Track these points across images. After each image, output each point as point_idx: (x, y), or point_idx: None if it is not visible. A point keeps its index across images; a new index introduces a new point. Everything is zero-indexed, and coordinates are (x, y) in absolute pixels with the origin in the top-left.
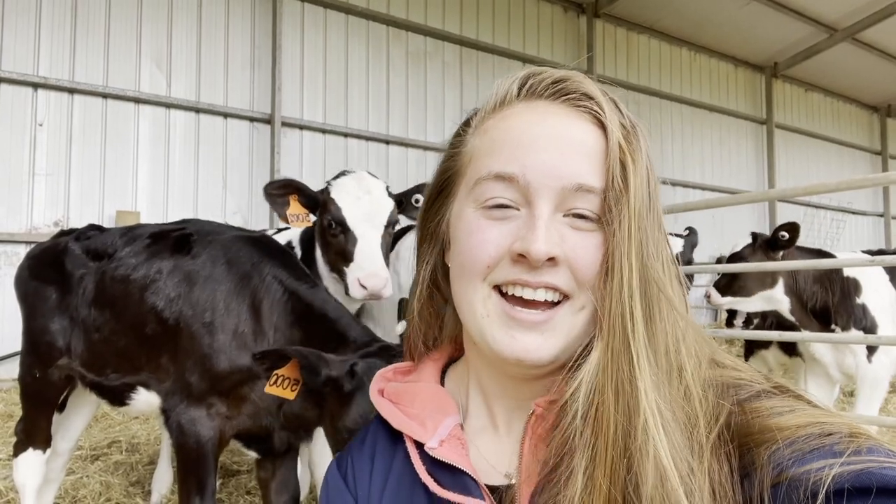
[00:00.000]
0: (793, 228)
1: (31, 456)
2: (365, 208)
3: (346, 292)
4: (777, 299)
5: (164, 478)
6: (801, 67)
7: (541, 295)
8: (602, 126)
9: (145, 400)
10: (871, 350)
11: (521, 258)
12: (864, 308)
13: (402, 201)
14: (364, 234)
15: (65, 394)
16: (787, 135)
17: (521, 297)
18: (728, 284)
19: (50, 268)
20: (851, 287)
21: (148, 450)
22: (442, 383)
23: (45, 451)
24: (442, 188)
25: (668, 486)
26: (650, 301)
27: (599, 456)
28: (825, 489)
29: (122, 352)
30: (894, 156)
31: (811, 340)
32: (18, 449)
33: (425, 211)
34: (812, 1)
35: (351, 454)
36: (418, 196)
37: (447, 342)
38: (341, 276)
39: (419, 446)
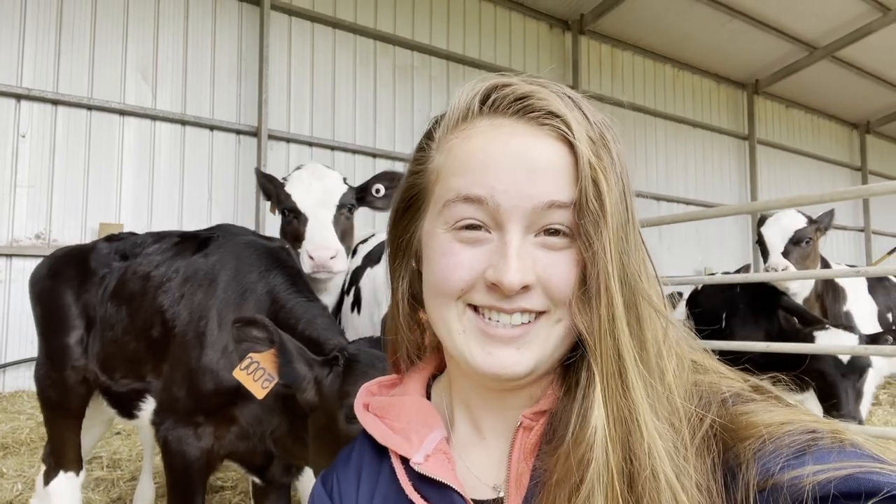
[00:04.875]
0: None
1: (64, 481)
2: (316, 193)
3: None
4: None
5: (145, 494)
6: (782, 84)
7: (517, 319)
8: (570, 143)
9: (152, 410)
10: None
11: (494, 286)
12: (849, 315)
13: (363, 192)
14: (314, 213)
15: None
16: (769, 150)
17: (497, 320)
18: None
19: (71, 267)
20: (840, 293)
21: (129, 466)
22: (429, 395)
23: (77, 473)
24: (409, 204)
25: (679, 499)
26: (638, 315)
27: (605, 480)
28: (812, 495)
29: (131, 354)
30: (874, 171)
31: (798, 352)
32: (49, 476)
33: (394, 226)
34: (792, 19)
35: (336, 471)
36: (378, 186)
37: (431, 353)
38: (298, 258)
39: (405, 461)
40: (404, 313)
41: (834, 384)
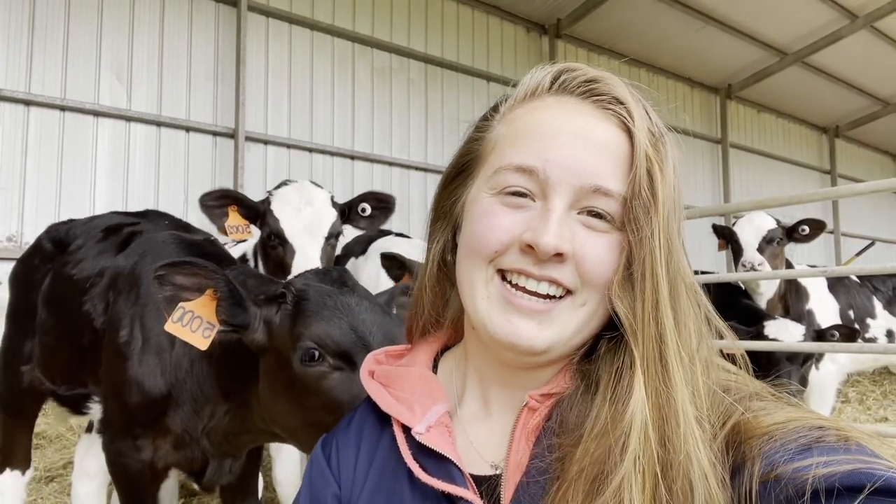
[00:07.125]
0: (818, 227)
1: (9, 478)
2: (305, 220)
3: None
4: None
5: None
6: (754, 89)
7: (543, 288)
8: (629, 131)
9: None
10: (818, 358)
11: (529, 249)
12: (811, 314)
13: (348, 211)
14: (302, 246)
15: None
16: (741, 154)
17: (524, 287)
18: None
19: (27, 266)
20: (803, 293)
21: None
22: (435, 369)
23: (24, 472)
24: (461, 170)
25: (712, 488)
26: (680, 307)
27: (642, 465)
28: (815, 487)
29: (67, 362)
30: (842, 175)
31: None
32: None
33: (442, 189)
34: (764, 25)
35: (336, 437)
36: (365, 205)
37: (446, 326)
38: None
39: (406, 431)
40: (431, 274)
41: (779, 363)
